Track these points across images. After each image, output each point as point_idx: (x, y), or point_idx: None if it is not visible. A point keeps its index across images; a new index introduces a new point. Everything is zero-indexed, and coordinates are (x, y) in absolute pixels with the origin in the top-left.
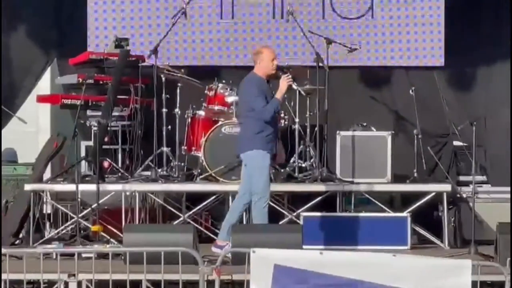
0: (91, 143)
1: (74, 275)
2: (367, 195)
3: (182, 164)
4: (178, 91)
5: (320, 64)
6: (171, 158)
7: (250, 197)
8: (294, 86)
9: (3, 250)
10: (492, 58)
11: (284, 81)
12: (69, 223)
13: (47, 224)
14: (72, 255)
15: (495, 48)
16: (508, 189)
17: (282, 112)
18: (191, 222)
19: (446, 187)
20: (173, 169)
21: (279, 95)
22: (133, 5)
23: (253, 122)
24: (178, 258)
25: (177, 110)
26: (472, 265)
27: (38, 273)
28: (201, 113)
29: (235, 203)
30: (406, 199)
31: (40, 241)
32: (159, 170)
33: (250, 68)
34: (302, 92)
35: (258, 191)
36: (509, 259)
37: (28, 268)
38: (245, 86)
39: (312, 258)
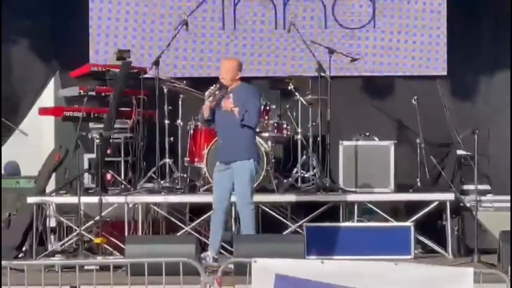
0: (93, 155)
1: (75, 287)
2: (370, 205)
3: (185, 175)
4: (180, 102)
5: (322, 74)
6: (173, 169)
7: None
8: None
9: (4, 263)
10: (494, 66)
11: None
12: (72, 235)
13: (51, 237)
14: (74, 267)
15: (497, 57)
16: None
17: (284, 122)
18: (194, 233)
19: (449, 196)
20: (176, 181)
21: None
22: (135, 17)
23: None
24: (179, 269)
25: (179, 121)
26: (474, 273)
27: (39, 285)
28: None
29: None
30: (410, 208)
31: (43, 254)
32: (162, 181)
33: (252, 78)
34: (304, 102)
35: None
36: (510, 267)
37: (30, 281)
38: None
39: (313, 267)
